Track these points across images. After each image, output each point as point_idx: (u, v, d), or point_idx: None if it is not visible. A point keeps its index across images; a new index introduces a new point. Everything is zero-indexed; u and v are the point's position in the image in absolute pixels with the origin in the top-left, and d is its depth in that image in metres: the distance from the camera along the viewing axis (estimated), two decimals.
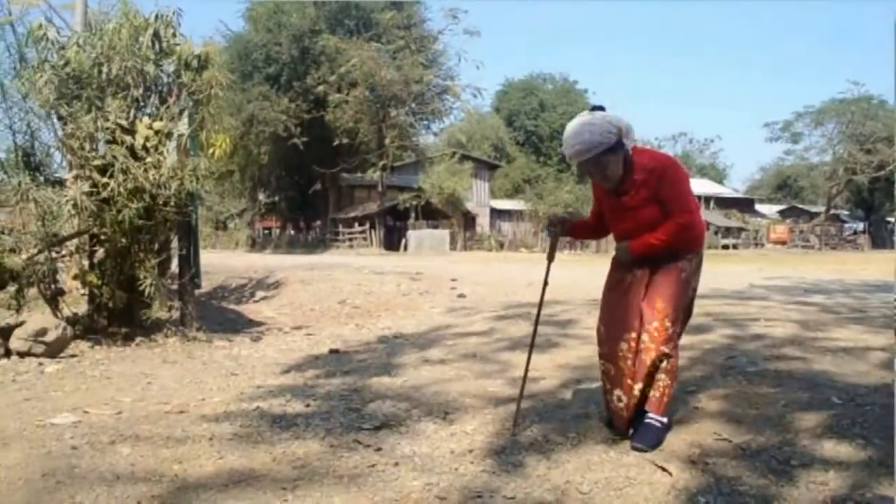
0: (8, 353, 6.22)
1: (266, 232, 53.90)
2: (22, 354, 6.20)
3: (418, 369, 5.54)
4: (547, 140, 57.86)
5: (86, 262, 7.81)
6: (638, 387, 3.45)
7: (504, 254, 36.10)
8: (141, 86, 7.73)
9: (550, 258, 4.02)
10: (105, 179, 7.04)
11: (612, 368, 3.59)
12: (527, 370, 3.99)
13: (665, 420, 3.54)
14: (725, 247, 45.99)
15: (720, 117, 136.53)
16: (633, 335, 3.46)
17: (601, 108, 3.50)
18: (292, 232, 48.74)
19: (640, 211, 3.48)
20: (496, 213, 50.23)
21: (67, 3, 11.02)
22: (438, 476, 3.12)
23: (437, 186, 39.56)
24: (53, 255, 7.54)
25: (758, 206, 64.06)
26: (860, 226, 58.51)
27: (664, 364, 3.43)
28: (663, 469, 3.14)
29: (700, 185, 59.54)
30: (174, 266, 8.33)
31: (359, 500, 2.82)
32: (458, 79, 40.53)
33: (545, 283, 4.03)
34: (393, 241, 39.53)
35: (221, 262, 19.74)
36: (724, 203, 57.37)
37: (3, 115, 7.64)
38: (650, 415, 3.49)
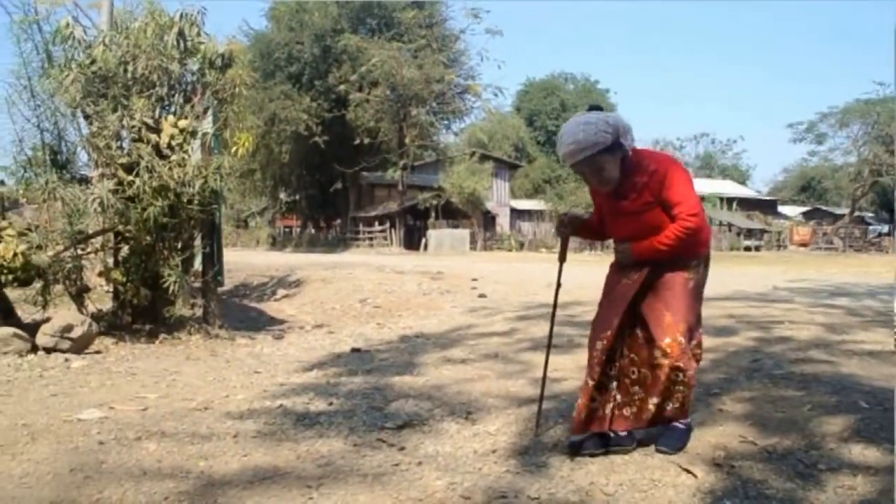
0: (34, 349, 6.30)
1: (287, 230, 54.16)
2: (48, 350, 6.28)
3: (440, 369, 5.55)
4: None
5: (110, 260, 7.89)
6: (654, 401, 3.33)
7: (524, 254, 36.04)
8: (165, 84, 7.80)
9: (562, 259, 3.84)
10: (130, 177, 7.12)
11: (586, 371, 3.45)
12: (545, 372, 3.95)
13: (688, 421, 3.50)
14: (748, 248, 45.58)
15: (743, 118, 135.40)
16: (609, 333, 3.33)
17: (598, 108, 3.36)
18: (313, 230, 48.95)
19: (643, 216, 3.32)
20: (516, 213, 50.14)
21: (93, 2, 11.12)
22: (462, 476, 3.12)
23: (458, 186, 39.55)
24: (79, 252, 7.63)
25: (781, 208, 63.51)
26: (885, 228, 57.75)
27: (679, 377, 3.29)
28: (688, 471, 3.12)
29: (722, 186, 59.13)
30: (197, 263, 8.39)
31: (383, 499, 2.83)
32: (480, 78, 40.63)
33: (558, 285, 3.93)
34: (413, 241, 39.62)
35: (243, 260, 19.89)
36: (746, 204, 56.87)
37: (30, 113, 7.72)
38: (675, 422, 3.44)
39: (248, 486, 2.98)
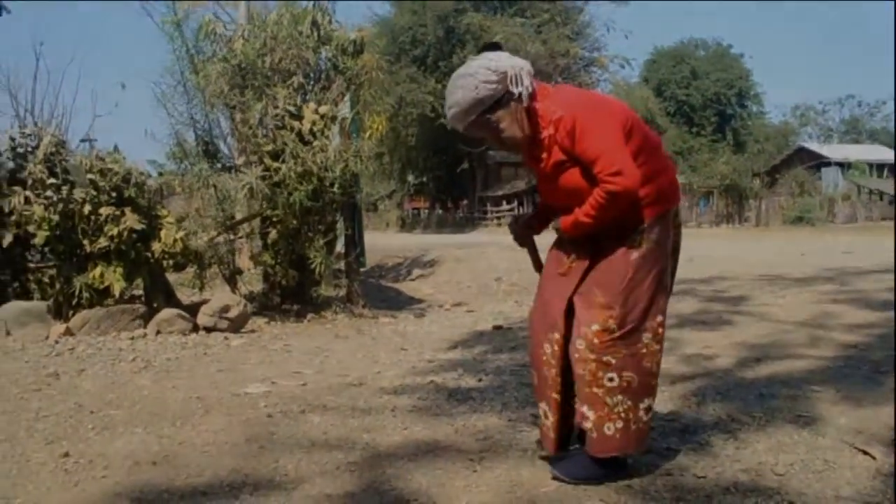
0: (195, 329, 6.70)
1: (415, 212, 55.07)
2: (208, 329, 6.67)
3: None
4: (700, 109, 55.44)
5: (259, 243, 8.27)
6: (584, 410, 2.65)
7: None
8: (302, 73, 8.06)
9: (537, 267, 3.10)
10: (276, 164, 7.41)
11: (535, 376, 2.86)
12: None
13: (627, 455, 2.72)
14: None
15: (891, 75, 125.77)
16: (557, 336, 2.70)
17: (496, 47, 2.66)
18: (440, 212, 49.55)
19: (561, 178, 2.62)
20: None
21: None
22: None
23: None
24: (231, 236, 8.05)
25: None
26: None
27: (613, 381, 2.58)
28: (865, 452, 2.95)
29: (871, 152, 55.28)
30: (339, 246, 8.66)
31: (545, 474, 2.82)
32: (605, 50, 39.85)
33: None
34: None
35: (376, 242, 20.36)
36: None
37: (183, 107, 8.22)
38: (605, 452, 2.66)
39: (412, 457, 3.05)
